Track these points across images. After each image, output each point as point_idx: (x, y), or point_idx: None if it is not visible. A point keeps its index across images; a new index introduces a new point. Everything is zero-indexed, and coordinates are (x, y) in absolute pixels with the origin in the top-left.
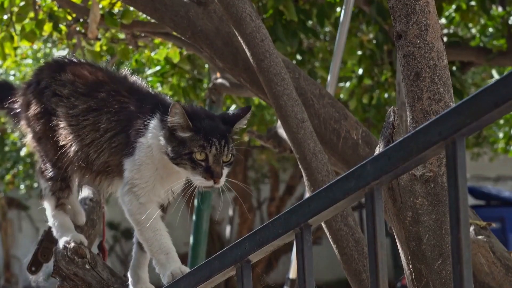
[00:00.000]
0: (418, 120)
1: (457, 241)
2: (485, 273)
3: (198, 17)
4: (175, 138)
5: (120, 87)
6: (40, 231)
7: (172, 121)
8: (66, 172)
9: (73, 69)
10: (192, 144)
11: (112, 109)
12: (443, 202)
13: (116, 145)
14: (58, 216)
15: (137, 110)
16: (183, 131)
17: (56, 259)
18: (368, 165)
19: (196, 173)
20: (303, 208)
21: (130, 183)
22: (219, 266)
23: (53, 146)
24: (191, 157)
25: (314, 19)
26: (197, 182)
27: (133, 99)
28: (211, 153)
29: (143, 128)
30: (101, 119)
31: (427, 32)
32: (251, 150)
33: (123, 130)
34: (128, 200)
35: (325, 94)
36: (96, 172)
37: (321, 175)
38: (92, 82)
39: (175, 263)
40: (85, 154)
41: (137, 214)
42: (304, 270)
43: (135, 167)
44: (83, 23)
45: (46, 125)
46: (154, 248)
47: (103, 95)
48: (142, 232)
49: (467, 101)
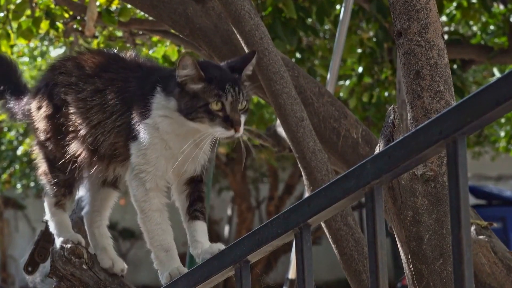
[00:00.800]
0: (418, 119)
1: (458, 241)
2: (487, 274)
3: (197, 14)
4: (186, 93)
5: (126, 65)
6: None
7: (183, 75)
8: (73, 174)
9: (79, 57)
10: (206, 95)
11: (117, 88)
12: (444, 202)
13: (120, 124)
14: (57, 214)
15: (139, 89)
16: (195, 83)
17: (53, 259)
18: (368, 164)
19: (214, 124)
20: (302, 207)
21: (137, 168)
22: (218, 266)
23: (61, 147)
24: (207, 108)
25: (313, 17)
26: (217, 134)
27: (137, 76)
28: (228, 101)
29: (146, 109)
30: (106, 99)
31: (428, 30)
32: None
33: (127, 110)
34: (135, 185)
35: (324, 92)
36: (105, 157)
37: (321, 174)
38: (99, 63)
39: (174, 262)
40: (93, 136)
41: (142, 202)
42: (303, 270)
43: (141, 151)
44: (80, 21)
45: (55, 125)
46: (155, 242)
47: (110, 75)
48: (145, 221)
49: (468, 100)
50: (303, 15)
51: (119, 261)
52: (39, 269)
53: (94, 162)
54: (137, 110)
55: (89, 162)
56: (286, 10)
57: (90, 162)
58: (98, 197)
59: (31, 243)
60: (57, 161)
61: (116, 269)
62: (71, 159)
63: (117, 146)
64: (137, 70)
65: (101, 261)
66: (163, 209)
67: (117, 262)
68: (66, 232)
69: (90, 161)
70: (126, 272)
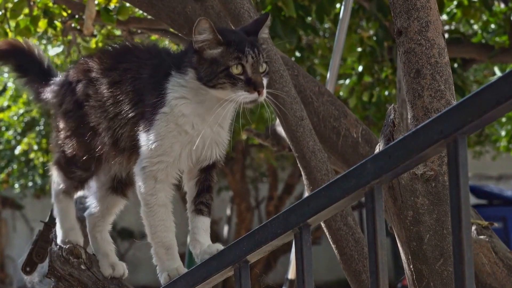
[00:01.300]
0: (419, 118)
1: (459, 241)
2: (487, 274)
3: (196, 13)
4: (204, 60)
5: (140, 53)
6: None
7: (200, 40)
8: (91, 172)
9: (98, 54)
10: (226, 59)
11: (130, 77)
12: (445, 202)
13: (135, 115)
14: (63, 201)
15: (152, 77)
16: (213, 47)
17: (51, 259)
18: (368, 163)
19: (237, 89)
20: (302, 207)
21: (147, 161)
22: (217, 267)
23: (82, 144)
24: (228, 72)
25: (313, 15)
26: (240, 98)
27: (150, 64)
28: (248, 63)
29: (161, 97)
30: (122, 90)
31: (428, 28)
32: (250, 149)
33: (140, 99)
34: (143, 178)
35: (324, 91)
36: (126, 150)
37: (321, 174)
38: (116, 54)
39: (174, 262)
40: (112, 130)
41: (149, 195)
42: (303, 271)
43: (154, 141)
44: (78, 20)
45: (76, 122)
46: (156, 238)
47: (125, 65)
48: (148, 216)
49: (469, 99)
50: (303, 14)
51: (120, 265)
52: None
53: (115, 156)
54: (150, 100)
55: (110, 156)
56: (285, 8)
57: (112, 156)
58: (104, 203)
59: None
60: (76, 158)
61: (116, 273)
62: (91, 156)
63: (134, 138)
64: (150, 57)
65: (101, 267)
66: (168, 204)
67: (118, 266)
68: (68, 222)
69: (111, 154)
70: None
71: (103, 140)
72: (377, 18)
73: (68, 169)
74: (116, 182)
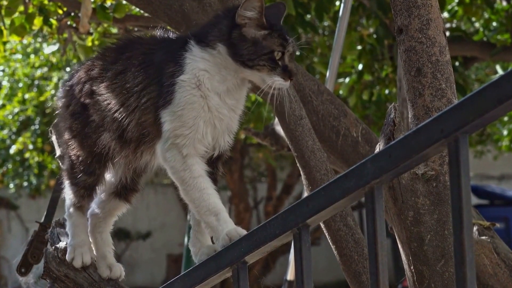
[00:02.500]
0: (419, 117)
1: (460, 241)
2: (489, 275)
3: (193, 10)
4: (244, 38)
5: (146, 41)
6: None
7: (247, 16)
8: (96, 176)
9: (103, 50)
10: (271, 43)
11: (137, 62)
12: (446, 202)
13: (147, 100)
14: (73, 215)
15: (165, 54)
16: (257, 28)
17: (46, 260)
18: (368, 163)
19: (274, 74)
20: (301, 207)
21: (172, 134)
22: (215, 268)
23: (86, 147)
24: (272, 56)
25: (312, 13)
26: (276, 84)
27: (160, 46)
28: (288, 52)
29: (178, 66)
30: (127, 78)
31: (429, 26)
32: (248, 148)
33: (152, 82)
34: (171, 156)
35: (323, 90)
36: (132, 141)
37: (320, 173)
38: (119, 46)
39: (228, 224)
40: (118, 121)
41: (181, 171)
42: (302, 272)
43: (176, 114)
44: (74, 17)
45: (81, 124)
46: (202, 209)
47: (128, 54)
48: (188, 191)
49: (470, 98)
50: (302, 12)
51: (117, 267)
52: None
53: (120, 150)
54: (165, 73)
55: (115, 152)
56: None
57: (117, 152)
58: (107, 206)
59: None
60: (80, 160)
61: (113, 275)
62: (94, 158)
63: (145, 125)
64: (159, 41)
65: (99, 269)
66: (204, 175)
67: (115, 268)
68: (78, 237)
69: (116, 150)
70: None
71: (107, 135)
72: (377, 16)
73: (72, 173)
74: (120, 187)
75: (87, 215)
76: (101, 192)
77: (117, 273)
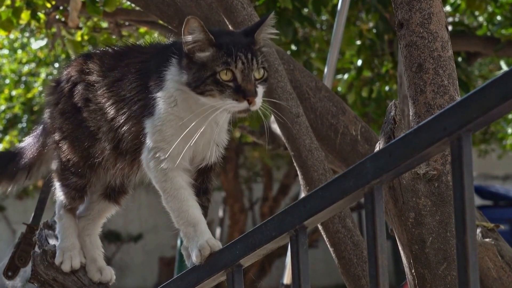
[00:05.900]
0: (421, 115)
1: (463, 244)
2: (493, 279)
3: (186, 4)
4: (194, 64)
5: (144, 49)
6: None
7: (190, 41)
8: (87, 178)
9: (99, 54)
10: (214, 64)
11: (134, 69)
12: (448, 203)
13: (136, 108)
14: (64, 217)
15: (155, 65)
16: (203, 50)
17: (34, 264)
18: (367, 162)
19: (225, 96)
20: (298, 209)
21: (153, 147)
22: (209, 271)
23: (78, 149)
24: (215, 78)
25: (310, 7)
26: (228, 106)
27: (154, 54)
28: (238, 69)
29: (159, 81)
30: (123, 86)
31: (431, 20)
32: (243, 147)
33: (143, 90)
34: (153, 166)
35: (321, 87)
36: (128, 153)
37: (318, 173)
38: (117, 53)
39: (203, 236)
40: (113, 131)
41: (163, 182)
42: (299, 275)
43: (156, 128)
44: (63, 11)
45: (73, 126)
46: (181, 220)
47: (126, 61)
48: (168, 201)
49: (474, 95)
50: (299, 5)
51: (108, 270)
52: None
53: (115, 161)
54: (150, 85)
55: (110, 163)
56: (280, 0)
57: (112, 163)
58: (96, 207)
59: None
60: (71, 163)
61: (104, 278)
62: (87, 164)
63: (137, 135)
64: (154, 49)
65: (88, 272)
66: (186, 186)
67: (105, 271)
68: (68, 240)
69: (111, 161)
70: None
71: (103, 145)
72: (377, 10)
73: (63, 175)
74: (109, 189)
75: (77, 216)
76: (90, 193)
77: (108, 277)
